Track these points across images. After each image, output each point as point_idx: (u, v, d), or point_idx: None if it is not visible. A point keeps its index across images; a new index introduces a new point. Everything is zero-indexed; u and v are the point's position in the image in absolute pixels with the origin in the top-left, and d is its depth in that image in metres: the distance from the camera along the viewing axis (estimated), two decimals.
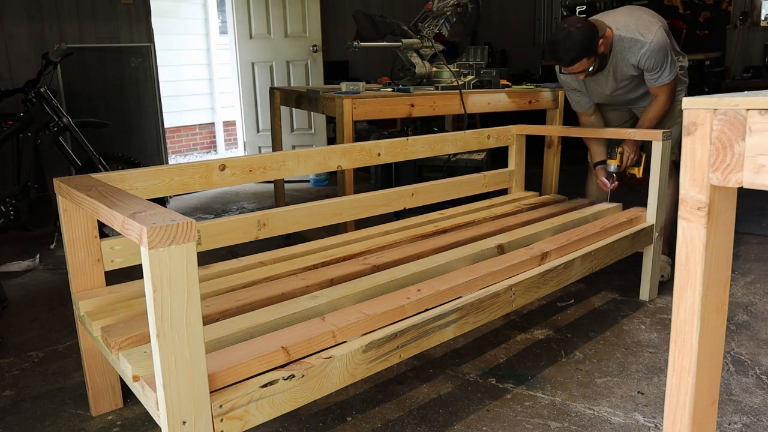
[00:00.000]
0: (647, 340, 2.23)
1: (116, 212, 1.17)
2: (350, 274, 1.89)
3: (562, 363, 2.08)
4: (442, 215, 2.63)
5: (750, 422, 1.72)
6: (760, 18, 6.05)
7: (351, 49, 2.92)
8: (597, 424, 1.73)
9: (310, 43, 5.27)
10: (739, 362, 2.05)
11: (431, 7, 3.10)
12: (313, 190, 5.16)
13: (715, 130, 0.78)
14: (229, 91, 6.53)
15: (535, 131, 3.01)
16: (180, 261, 1.07)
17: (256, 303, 1.66)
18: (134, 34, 4.51)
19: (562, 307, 2.56)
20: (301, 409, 1.81)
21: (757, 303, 2.53)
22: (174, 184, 1.93)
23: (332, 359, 1.39)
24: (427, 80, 3.16)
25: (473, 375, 2.02)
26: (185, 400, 1.14)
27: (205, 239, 1.96)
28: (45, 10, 4.09)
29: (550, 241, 2.20)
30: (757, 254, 3.11)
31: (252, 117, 5.38)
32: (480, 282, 1.84)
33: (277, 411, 1.32)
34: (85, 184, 1.50)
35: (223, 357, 1.30)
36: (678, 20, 6.29)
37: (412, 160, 3.50)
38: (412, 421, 1.76)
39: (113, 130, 4.37)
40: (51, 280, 2.98)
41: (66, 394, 1.95)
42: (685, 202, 0.82)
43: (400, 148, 2.56)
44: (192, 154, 6.91)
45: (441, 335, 1.66)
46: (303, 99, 3.24)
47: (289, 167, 2.22)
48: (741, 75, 6.07)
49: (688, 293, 0.84)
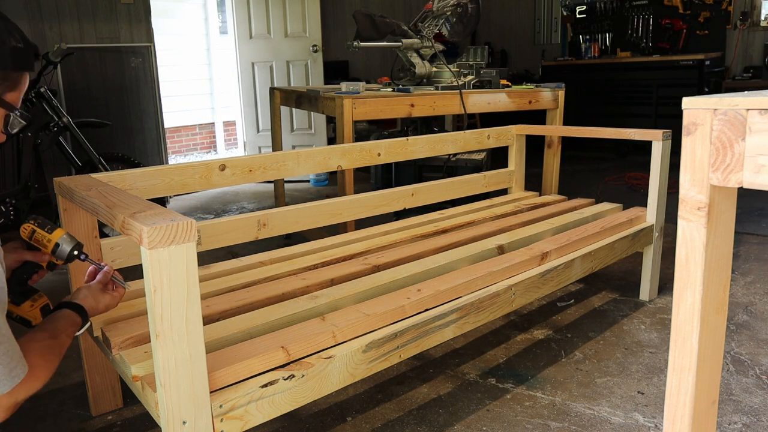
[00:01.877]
0: (647, 340, 2.23)
1: (116, 212, 1.17)
2: (350, 274, 1.89)
3: (562, 363, 2.08)
4: (442, 215, 2.63)
5: (750, 422, 1.72)
6: (760, 18, 6.05)
7: (351, 49, 2.92)
8: (597, 424, 1.73)
9: (310, 43, 5.27)
10: (739, 362, 2.05)
11: (431, 7, 3.10)
12: (313, 190, 5.15)
13: (715, 130, 0.78)
14: (229, 91, 6.53)
15: (535, 131, 3.01)
16: (180, 261, 1.07)
17: (256, 303, 1.66)
18: (134, 34, 4.51)
19: (562, 307, 2.56)
20: (301, 409, 1.81)
21: (757, 303, 2.53)
22: (174, 184, 1.93)
23: (332, 359, 1.39)
24: (427, 80, 3.16)
25: (473, 375, 2.02)
26: (185, 400, 1.14)
27: (205, 239, 1.96)
28: (45, 10, 4.09)
29: (550, 241, 2.20)
30: (757, 254, 3.11)
31: (252, 117, 5.38)
32: (480, 282, 1.84)
33: (277, 411, 1.31)
34: (85, 184, 1.50)
35: (223, 357, 1.30)
36: (678, 20, 6.30)
37: (412, 160, 3.50)
38: (412, 421, 1.76)
39: (113, 130, 4.36)
40: (51, 279, 2.98)
41: (66, 394, 1.95)
42: (685, 202, 0.82)
43: (400, 148, 2.55)
44: (192, 154, 6.91)
45: (441, 335, 1.66)
46: (303, 99, 3.24)
47: (289, 167, 2.22)
48: (741, 75, 6.07)
49: (688, 293, 0.84)
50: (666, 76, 5.82)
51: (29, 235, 1.29)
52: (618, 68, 6.15)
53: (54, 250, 1.30)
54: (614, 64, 6.19)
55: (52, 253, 1.30)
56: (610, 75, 6.19)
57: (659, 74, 5.87)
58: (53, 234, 1.29)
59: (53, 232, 1.30)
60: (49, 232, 1.29)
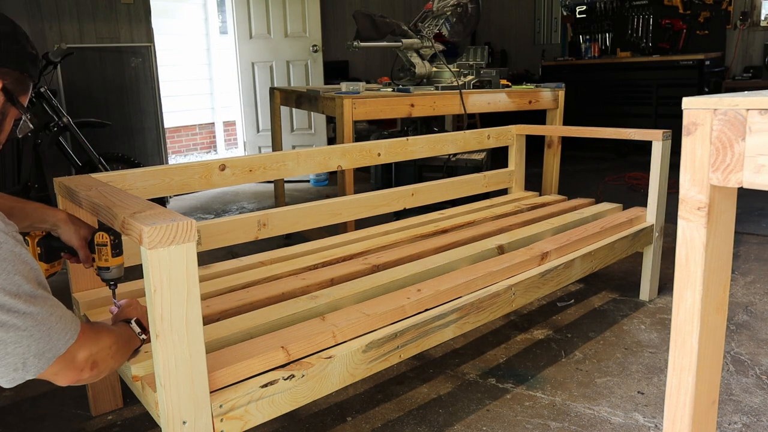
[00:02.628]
0: (647, 340, 2.23)
1: (116, 212, 1.17)
2: (350, 274, 1.89)
3: (562, 363, 2.08)
4: (442, 215, 2.63)
5: (750, 422, 1.71)
6: (760, 18, 6.05)
7: (351, 49, 2.92)
8: (597, 424, 1.73)
9: (310, 43, 5.27)
10: (739, 362, 2.05)
11: (431, 7, 3.10)
12: (313, 190, 5.15)
13: (715, 130, 0.78)
14: (229, 91, 6.53)
15: (535, 131, 3.01)
16: (180, 261, 1.07)
17: (256, 303, 1.66)
18: (134, 34, 4.51)
19: (562, 307, 2.56)
20: (301, 409, 1.81)
21: (757, 303, 2.53)
22: (174, 184, 1.93)
23: (332, 359, 1.39)
24: (427, 80, 3.16)
25: (473, 375, 2.02)
26: (185, 400, 1.14)
27: (205, 239, 1.96)
28: (45, 10, 4.09)
29: (550, 241, 2.20)
30: (757, 254, 3.11)
31: (252, 117, 5.38)
32: (480, 282, 1.83)
33: (277, 411, 1.32)
34: (85, 184, 1.50)
35: (223, 357, 1.30)
36: (678, 20, 6.30)
37: (412, 160, 3.50)
38: (412, 421, 1.76)
39: (113, 130, 4.36)
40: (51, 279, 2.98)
41: (66, 394, 1.95)
42: (685, 202, 0.82)
43: (400, 148, 2.55)
44: (192, 154, 6.91)
45: (441, 335, 1.66)
46: (303, 99, 3.24)
47: (289, 167, 2.22)
48: (741, 75, 6.07)
49: (688, 293, 0.84)
50: (666, 76, 5.82)
51: (99, 241, 1.33)
52: (618, 68, 6.15)
53: (101, 267, 1.35)
54: (614, 64, 6.19)
55: (98, 266, 1.35)
56: (610, 75, 6.19)
57: (659, 74, 5.87)
58: (116, 258, 1.35)
59: (117, 256, 1.36)
60: (114, 256, 1.35)
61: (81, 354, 1.05)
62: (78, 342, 1.04)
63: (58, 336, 1.00)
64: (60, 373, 1.03)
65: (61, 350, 1.01)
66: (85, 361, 1.06)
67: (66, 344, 1.02)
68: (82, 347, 1.06)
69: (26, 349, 0.95)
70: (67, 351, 1.02)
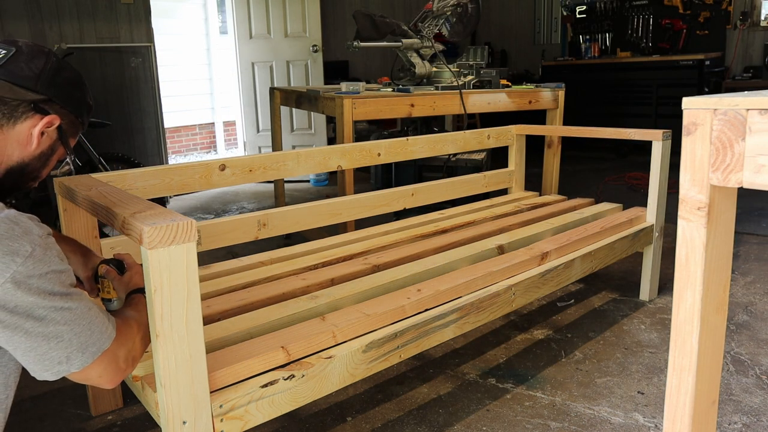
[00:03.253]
0: (647, 340, 2.23)
1: (116, 212, 1.17)
2: (350, 274, 1.89)
3: (562, 363, 2.08)
4: (442, 215, 2.63)
5: (750, 422, 1.72)
6: (760, 18, 6.05)
7: (351, 49, 2.92)
8: (597, 424, 1.73)
9: (310, 43, 5.27)
10: (739, 362, 2.05)
11: (431, 7, 3.10)
12: (313, 190, 5.15)
13: (715, 130, 0.78)
14: (229, 91, 6.53)
15: (535, 131, 3.01)
16: (180, 261, 1.07)
17: (256, 303, 1.66)
18: (134, 34, 4.51)
19: (562, 307, 2.56)
20: (301, 409, 1.81)
21: (757, 303, 2.53)
22: (174, 184, 1.93)
23: (332, 359, 1.39)
24: (427, 80, 3.16)
25: (473, 375, 2.02)
26: (185, 400, 1.14)
27: (205, 239, 1.96)
28: (45, 10, 4.08)
29: (550, 241, 2.20)
30: (757, 254, 3.11)
31: (252, 117, 5.38)
32: (480, 282, 1.84)
33: (277, 411, 1.32)
34: (85, 184, 1.50)
35: (223, 357, 1.30)
36: (678, 20, 6.30)
37: (412, 160, 3.50)
38: (412, 421, 1.76)
39: (113, 130, 4.36)
40: None
41: (66, 394, 1.95)
42: (685, 202, 0.82)
43: (400, 148, 2.55)
44: (192, 154, 6.91)
45: (441, 335, 1.66)
46: (303, 99, 3.24)
47: (289, 167, 2.22)
48: (741, 75, 6.07)
49: (688, 293, 0.84)
50: (666, 76, 5.82)
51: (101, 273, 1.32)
52: (618, 68, 6.15)
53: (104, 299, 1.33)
54: (614, 64, 6.19)
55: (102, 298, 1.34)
56: (610, 75, 6.19)
57: (659, 74, 5.87)
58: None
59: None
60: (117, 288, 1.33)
61: (121, 352, 1.07)
62: (117, 340, 1.06)
63: (100, 331, 1.02)
64: (104, 374, 1.05)
65: (105, 345, 1.03)
66: (125, 360, 1.09)
67: (108, 339, 1.04)
68: (121, 345, 1.08)
69: (68, 344, 0.97)
70: (109, 350, 1.04)
